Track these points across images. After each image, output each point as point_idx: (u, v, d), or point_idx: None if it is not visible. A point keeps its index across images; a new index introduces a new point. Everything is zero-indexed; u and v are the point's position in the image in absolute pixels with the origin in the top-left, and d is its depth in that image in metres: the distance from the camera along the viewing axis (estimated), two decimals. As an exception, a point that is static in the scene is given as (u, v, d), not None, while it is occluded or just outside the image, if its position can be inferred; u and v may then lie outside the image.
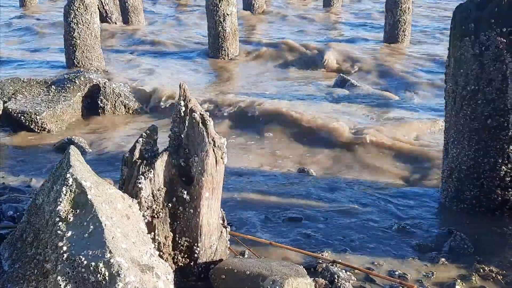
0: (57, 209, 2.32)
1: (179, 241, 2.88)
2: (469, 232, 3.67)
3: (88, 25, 8.23)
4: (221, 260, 2.97)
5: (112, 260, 2.11)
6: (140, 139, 2.87)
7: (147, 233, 2.53)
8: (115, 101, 6.84)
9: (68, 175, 2.39)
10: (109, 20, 12.61)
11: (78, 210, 2.32)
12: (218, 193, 2.94)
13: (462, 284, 3.18)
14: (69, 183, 2.37)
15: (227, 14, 9.51)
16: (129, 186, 2.78)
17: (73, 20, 8.18)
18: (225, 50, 9.73)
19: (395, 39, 10.73)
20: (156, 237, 2.80)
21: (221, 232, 3.03)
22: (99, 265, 2.10)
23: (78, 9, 8.14)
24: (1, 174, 4.92)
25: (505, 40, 3.65)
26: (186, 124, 2.87)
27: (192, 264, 2.92)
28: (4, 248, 2.63)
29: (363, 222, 3.98)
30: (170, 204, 2.84)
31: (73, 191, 2.36)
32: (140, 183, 2.75)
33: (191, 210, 2.85)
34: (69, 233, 2.24)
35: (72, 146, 2.62)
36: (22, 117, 6.11)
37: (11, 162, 5.29)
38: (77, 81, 6.72)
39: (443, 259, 3.43)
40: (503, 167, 3.80)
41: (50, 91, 6.63)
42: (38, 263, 2.35)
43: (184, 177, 2.87)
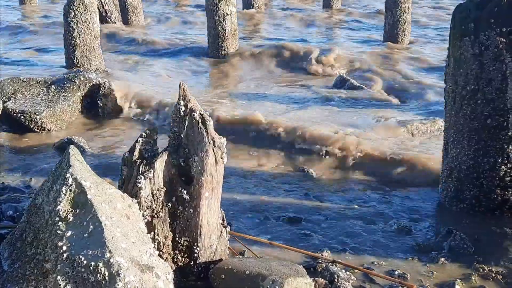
0: (57, 209, 2.32)
1: (179, 241, 2.88)
2: (469, 232, 3.67)
3: (88, 25, 8.22)
4: (221, 260, 2.97)
5: (112, 260, 2.11)
6: (140, 139, 2.87)
7: (147, 233, 2.53)
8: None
9: (68, 175, 2.39)
10: (109, 20, 12.60)
11: (78, 210, 2.32)
12: (218, 193, 2.94)
13: (462, 284, 3.18)
14: (69, 183, 2.37)
15: (227, 14, 9.51)
16: (129, 186, 2.79)
17: (73, 20, 8.16)
18: (225, 50, 9.73)
19: (395, 39, 10.71)
20: (156, 237, 2.80)
21: (221, 232, 3.03)
22: (99, 265, 2.10)
23: (78, 9, 8.13)
24: (1, 174, 4.92)
25: (505, 40, 3.65)
26: (186, 124, 2.87)
27: (192, 264, 2.92)
28: (4, 248, 2.63)
29: (363, 222, 3.98)
30: (170, 204, 2.84)
31: (73, 191, 2.36)
32: (140, 183, 2.75)
33: (191, 210, 2.85)
34: (69, 233, 2.24)
35: (72, 146, 2.61)
36: (22, 117, 6.10)
37: (11, 162, 5.29)
38: (77, 81, 6.72)
39: (443, 259, 3.43)
40: (503, 167, 3.80)
41: (50, 91, 6.62)
42: (38, 263, 2.35)
43: (184, 177, 2.87)
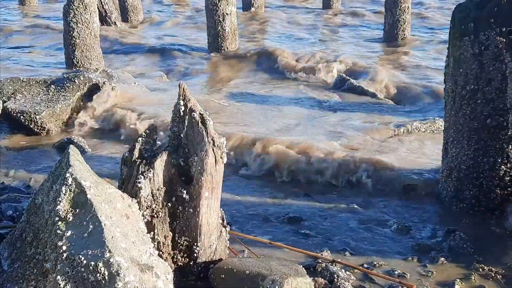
0: (57, 209, 2.32)
1: (179, 241, 2.88)
2: (469, 232, 3.67)
3: (88, 25, 8.23)
4: (221, 260, 2.97)
5: (112, 260, 2.11)
6: (140, 139, 2.86)
7: (147, 233, 2.52)
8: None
9: (68, 175, 2.39)
10: (109, 20, 12.60)
11: (78, 210, 2.31)
12: (218, 193, 2.94)
13: (462, 284, 3.18)
14: (69, 183, 2.37)
15: (227, 14, 9.51)
16: (129, 186, 2.78)
17: (73, 20, 8.17)
18: (225, 50, 9.74)
19: (395, 39, 10.72)
20: (156, 237, 2.80)
21: (221, 232, 3.02)
22: (99, 265, 2.10)
23: (78, 9, 8.13)
24: (1, 174, 4.92)
25: (505, 40, 3.65)
26: (186, 124, 2.87)
27: (192, 264, 2.92)
28: (4, 248, 2.62)
29: (363, 222, 3.98)
30: (170, 204, 2.84)
31: (73, 191, 2.36)
32: (140, 183, 2.75)
33: (191, 210, 2.85)
34: (69, 233, 2.24)
35: (72, 146, 2.61)
36: (22, 117, 6.10)
37: (11, 162, 5.29)
38: (77, 81, 6.71)
39: (443, 259, 3.43)
40: (503, 167, 3.80)
41: (50, 91, 6.62)
42: (38, 263, 2.34)
43: (184, 177, 2.87)
